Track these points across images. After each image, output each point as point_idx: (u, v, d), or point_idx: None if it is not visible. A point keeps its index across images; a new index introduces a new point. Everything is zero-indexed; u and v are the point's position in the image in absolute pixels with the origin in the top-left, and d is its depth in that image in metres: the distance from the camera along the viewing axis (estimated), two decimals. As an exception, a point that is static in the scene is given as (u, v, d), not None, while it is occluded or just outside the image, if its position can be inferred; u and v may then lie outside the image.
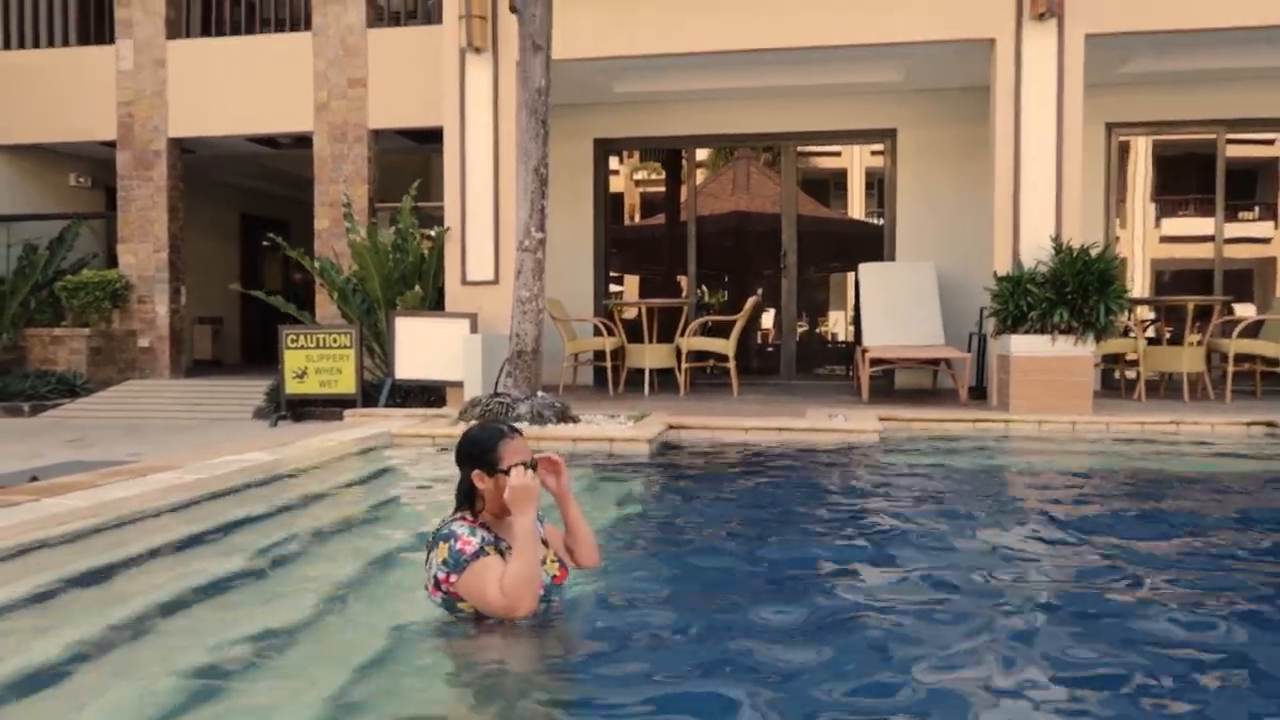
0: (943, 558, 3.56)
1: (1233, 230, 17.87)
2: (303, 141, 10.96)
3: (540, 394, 6.72)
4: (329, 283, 9.35)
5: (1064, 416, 6.79)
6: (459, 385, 7.75)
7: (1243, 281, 16.73)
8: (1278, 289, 10.60)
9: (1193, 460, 5.94)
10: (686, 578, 3.20)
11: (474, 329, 7.92)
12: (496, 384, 6.90)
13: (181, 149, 11.35)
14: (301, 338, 8.66)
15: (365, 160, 10.63)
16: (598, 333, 8.91)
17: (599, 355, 8.81)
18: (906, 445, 6.19)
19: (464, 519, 2.55)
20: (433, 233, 8.94)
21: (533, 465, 2.56)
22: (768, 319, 11.62)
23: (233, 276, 14.08)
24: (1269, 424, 6.54)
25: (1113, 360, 8.52)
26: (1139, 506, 4.70)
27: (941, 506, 4.59)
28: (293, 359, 8.62)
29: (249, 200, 15.20)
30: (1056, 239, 7.31)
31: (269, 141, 11.58)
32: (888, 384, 9.01)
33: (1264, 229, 17.42)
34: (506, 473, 2.50)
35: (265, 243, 10.38)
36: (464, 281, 8.26)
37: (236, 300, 14.33)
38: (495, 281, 8.12)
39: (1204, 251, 10.75)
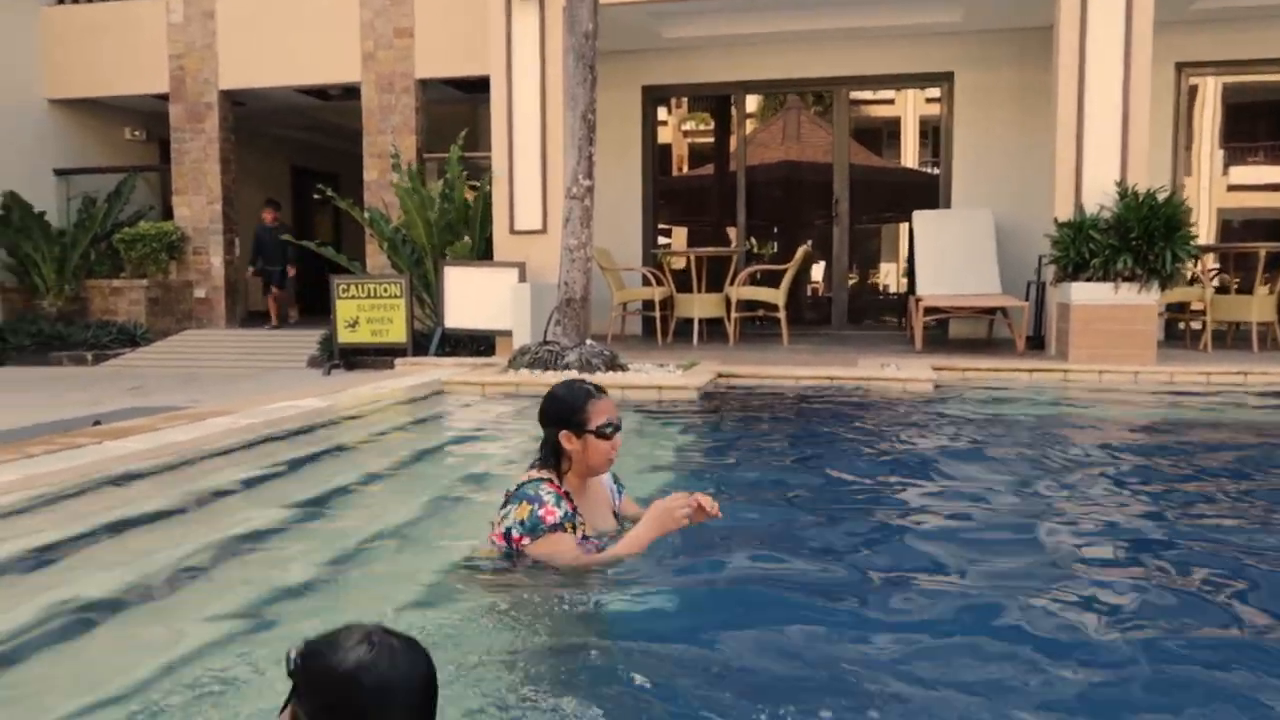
0: (991, 509, 3.50)
1: (1287, 177, 17.11)
2: (351, 93, 10.96)
3: (589, 342, 6.71)
4: (378, 233, 9.39)
5: (1126, 367, 6.59)
6: (508, 334, 7.77)
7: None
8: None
9: (1261, 411, 5.74)
10: (736, 530, 3.15)
11: (522, 278, 7.91)
12: (545, 332, 6.89)
13: (232, 101, 11.42)
14: (353, 288, 8.73)
15: (413, 110, 10.60)
16: (646, 283, 8.85)
17: (648, 305, 8.76)
18: (962, 395, 6.07)
19: (551, 483, 2.49)
20: (479, 183, 8.92)
21: (618, 427, 2.53)
22: (818, 270, 11.45)
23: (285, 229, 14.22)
24: (1343, 375, 6.29)
25: (1177, 310, 8.25)
26: (1198, 461, 4.55)
27: (994, 456, 4.51)
28: (344, 309, 8.70)
29: (300, 153, 15.30)
30: (1121, 183, 7.05)
31: (318, 93, 11.61)
32: (941, 334, 8.84)
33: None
34: (595, 433, 2.47)
35: (316, 195, 10.44)
36: (512, 230, 8.23)
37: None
38: (543, 230, 8.08)
39: (1274, 200, 10.32)
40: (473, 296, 8.19)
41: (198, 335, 10.89)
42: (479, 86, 9.19)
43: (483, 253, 8.67)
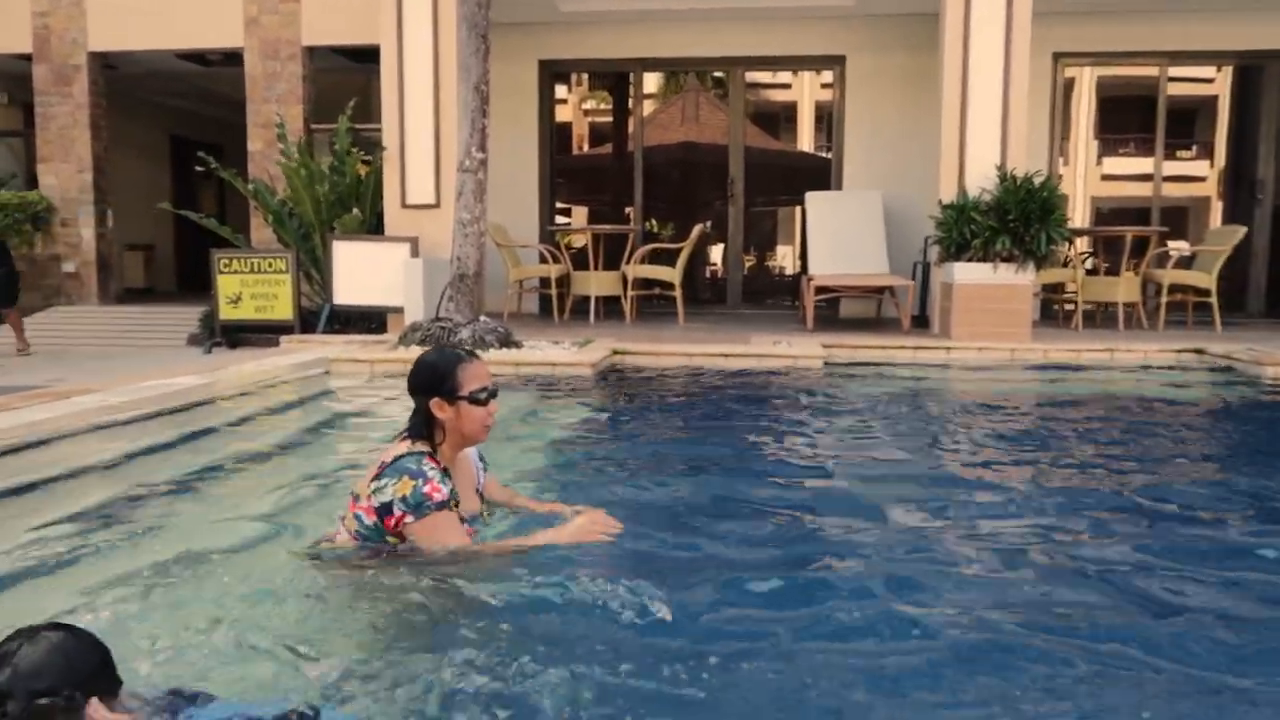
0: (877, 476, 3.62)
1: (1171, 169, 18.13)
2: (233, 59, 10.48)
3: (482, 319, 6.61)
4: (263, 206, 9.04)
5: (1003, 344, 6.87)
6: (400, 311, 7.59)
7: (1179, 219, 17.05)
8: (1211, 224, 10.75)
9: (1123, 385, 6.06)
10: (626, 501, 3.16)
11: (415, 253, 7.73)
12: (438, 308, 6.76)
13: (103, 64, 10.78)
14: (235, 262, 8.38)
15: (299, 79, 10.22)
16: (543, 260, 8.76)
17: (544, 283, 8.68)
18: (849, 372, 6.22)
19: (430, 457, 2.34)
20: (372, 156, 8.66)
21: (493, 393, 2.42)
22: (717, 251, 11.56)
23: (164, 202, 13.55)
24: (1197, 351, 6.69)
25: (1052, 290, 8.64)
26: (1068, 428, 4.80)
27: (879, 428, 4.66)
28: (226, 284, 8.36)
29: (180, 121, 14.58)
30: (1001, 167, 7.31)
31: (198, 59, 11.06)
32: (833, 314, 9.05)
33: (1200, 168, 17.70)
34: (468, 399, 2.36)
35: (199, 166, 9.97)
36: (404, 205, 8.03)
37: (170, 226, 13.83)
38: (436, 205, 7.90)
39: (1143, 190, 10.88)
40: (363, 272, 7.97)
41: (67, 312, 10.30)
42: (370, 56, 8.91)
43: (374, 227, 8.44)
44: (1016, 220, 6.98)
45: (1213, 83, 11.81)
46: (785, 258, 14.08)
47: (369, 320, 8.28)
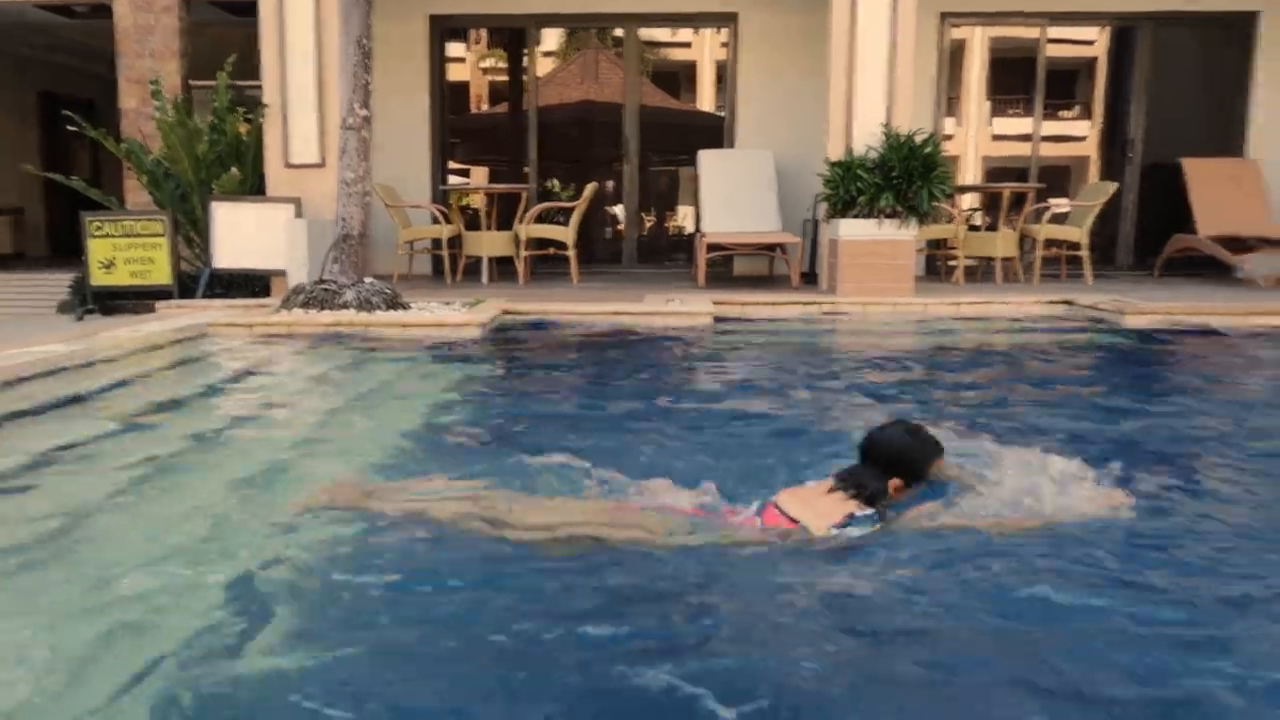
0: (767, 424, 3.74)
1: (1055, 129, 18.79)
2: (102, 10, 9.91)
3: (368, 280, 6.47)
4: (137, 166, 8.62)
5: (887, 298, 7.07)
6: (283, 274, 7.38)
7: (1062, 177, 17.72)
8: (1091, 182, 11.18)
9: (997, 336, 6.31)
10: (514, 460, 3.15)
11: (299, 214, 7.50)
12: (322, 270, 6.59)
13: (-43, 15, 10.09)
14: (107, 225, 8.00)
15: (175, 33, 9.74)
16: (435, 221, 8.61)
17: (436, 244, 8.54)
18: (738, 328, 6.32)
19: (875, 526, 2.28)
20: (252, 114, 8.33)
21: None
22: (616, 210, 11.53)
23: (33, 162, 12.81)
24: (1068, 302, 7.01)
25: (937, 246, 8.90)
26: (945, 376, 4.99)
27: (767, 379, 4.79)
28: (98, 248, 7.97)
29: (49, 77, 13.75)
30: (886, 125, 7.47)
31: (63, 9, 10.43)
32: (727, 271, 9.15)
33: (1082, 128, 18.37)
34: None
35: (71, 126, 9.43)
36: (287, 164, 7.77)
37: (40, 188, 13.09)
38: (321, 164, 7.67)
39: (1027, 149, 11.22)
40: (245, 234, 7.70)
41: (-74, 280, 9.70)
42: (251, 9, 8.52)
43: (257, 188, 8.14)
44: (900, 178, 7.16)
45: (1093, 45, 12.23)
46: (685, 217, 14.15)
47: (253, 284, 8.03)
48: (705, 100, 16.75)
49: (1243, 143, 9.49)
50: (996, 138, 19.71)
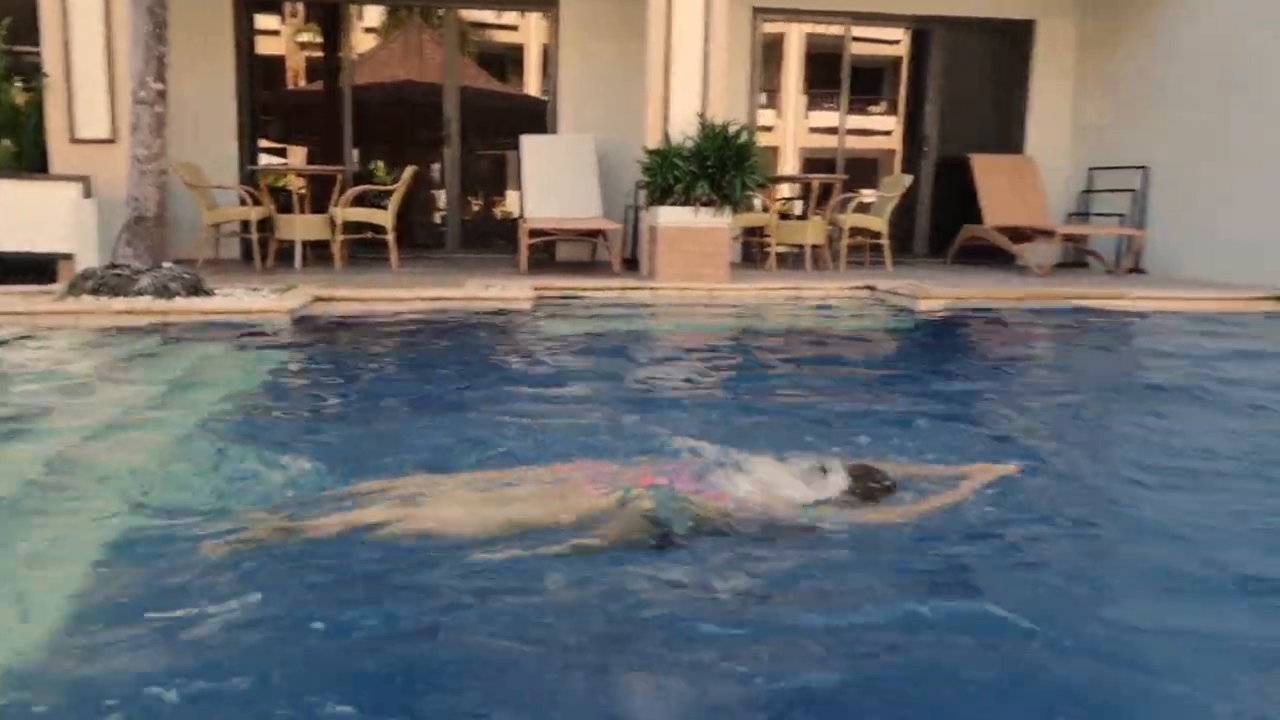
0: (588, 405, 3.85)
1: (865, 124, 19.79)
2: None
3: (166, 265, 6.10)
4: (-108, 138, 7.74)
5: (703, 283, 7.31)
6: (71, 257, 6.85)
7: (871, 170, 18.76)
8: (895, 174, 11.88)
9: (804, 319, 6.66)
10: (322, 449, 3.07)
11: (87, 193, 6.97)
12: (114, 254, 6.16)
13: None
14: None
15: (-63, -10, 8.78)
16: (243, 202, 8.20)
17: (245, 227, 8.13)
18: (558, 312, 6.38)
19: None
20: (33, 81, 7.64)
21: None
22: (441, 195, 11.33)
23: None
24: (869, 287, 7.47)
25: (752, 234, 9.25)
26: (752, 357, 5.24)
27: (586, 363, 4.88)
28: None
29: None
30: (702, 116, 7.69)
31: None
32: (550, 257, 9.18)
33: (889, 123, 19.40)
34: None
35: None
36: (73, 139, 7.20)
37: None
38: (112, 140, 7.14)
39: (846, 142, 11.75)
40: (26, 215, 7.07)
41: None
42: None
43: (37, 163, 7.50)
44: (714, 167, 7.40)
45: (898, 45, 12.99)
46: (512, 202, 14.07)
47: (39, 269, 7.40)
48: (533, 84, 16.68)
49: (1023, 141, 10.36)
50: (813, 130, 20.64)
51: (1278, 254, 7.82)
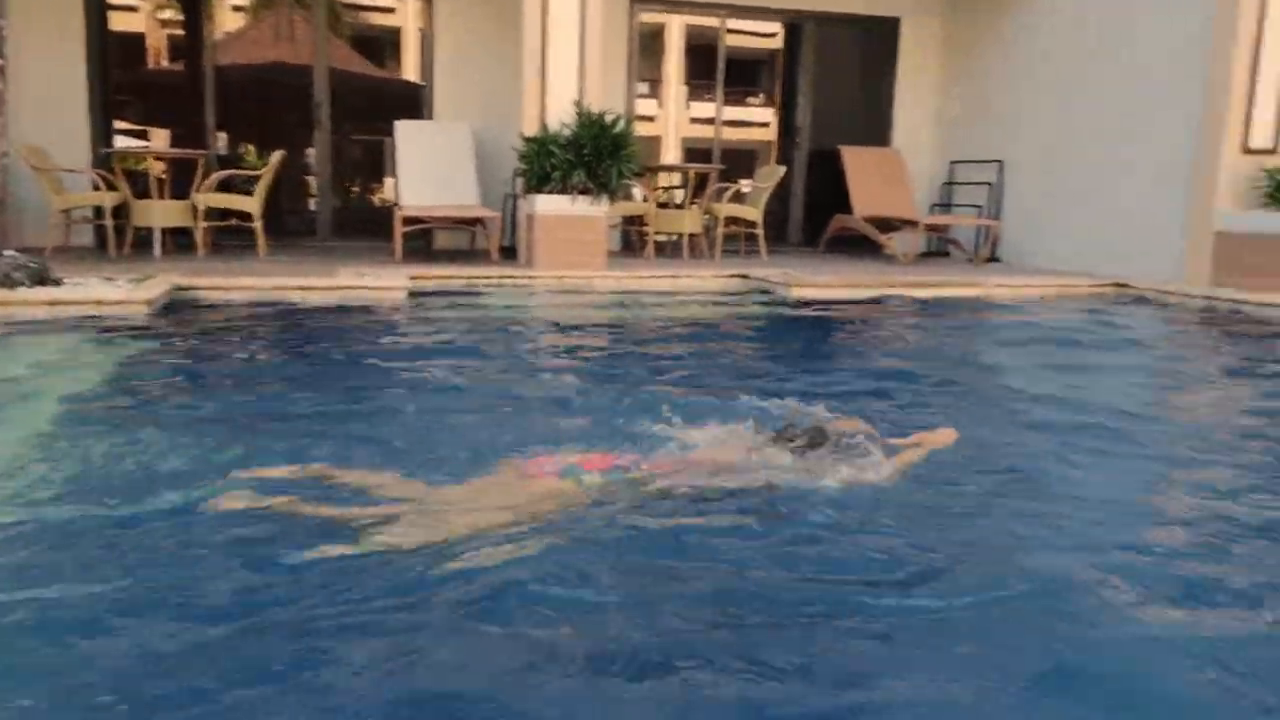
0: (463, 393, 3.83)
1: (744, 115, 20.15)
2: None
3: (9, 253, 5.74)
4: None
5: (581, 272, 7.34)
6: (-101, 245, 6.36)
7: (750, 160, 19.14)
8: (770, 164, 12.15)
9: (680, 308, 6.77)
10: (176, 447, 2.96)
11: (-83, 177, 6.49)
12: (-52, 242, 5.76)
13: None
14: None
15: None
16: (96, 188, 7.77)
17: (99, 213, 7.71)
18: (434, 301, 6.30)
19: None
20: None
21: None
22: (313, 180, 10.98)
23: None
24: (743, 276, 7.65)
25: (631, 222, 9.33)
26: (626, 347, 5.30)
27: (463, 349, 4.87)
28: None
29: None
30: (578, 103, 7.70)
31: None
32: (427, 246, 9.05)
33: (766, 114, 19.82)
34: None
35: None
36: (-100, 118, 6.69)
37: None
38: (-55, 119, 6.68)
39: (725, 133, 11.97)
40: None
41: None
42: None
43: None
44: (591, 155, 7.42)
45: (775, 38, 13.27)
46: (389, 190, 13.76)
47: None
48: (410, 69, 16.33)
49: (891, 134, 10.76)
50: (694, 121, 20.90)
51: (1118, 244, 8.39)
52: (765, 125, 19.35)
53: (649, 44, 11.29)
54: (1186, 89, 7.77)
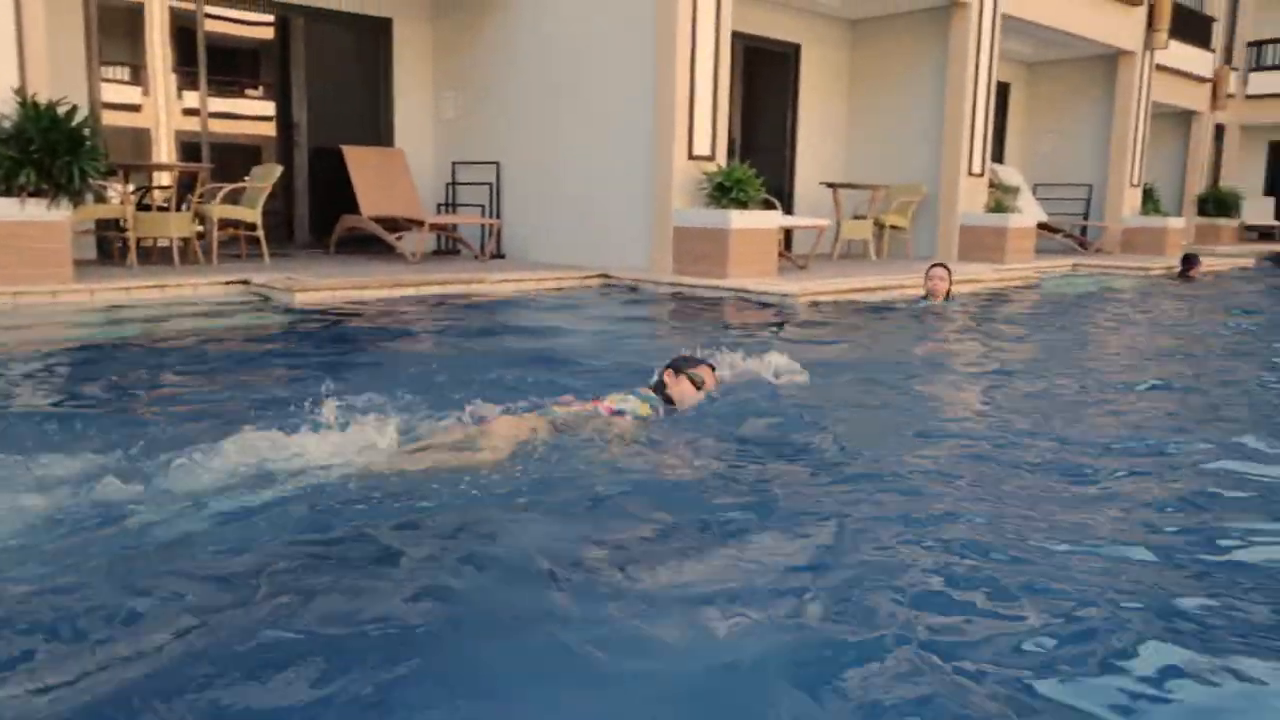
0: None
1: (240, 108, 19.00)
2: None
3: None
4: None
5: (43, 286, 6.40)
6: None
7: (251, 157, 18.02)
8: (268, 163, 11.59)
9: (169, 323, 6.20)
10: None
11: None
12: None
13: None
14: None
15: None
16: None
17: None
18: None
19: None
20: None
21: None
22: None
23: None
24: (244, 282, 7.23)
25: (111, 228, 8.31)
26: (99, 369, 4.75)
27: None
28: None
29: None
30: (21, 92, 6.66)
31: None
32: None
33: (267, 109, 18.87)
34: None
35: None
36: None
37: None
38: None
39: (222, 127, 11.15)
40: None
41: None
42: None
43: None
44: (41, 151, 6.47)
45: (266, 28, 12.56)
46: None
47: None
48: None
49: (393, 133, 10.85)
50: (187, 113, 19.10)
51: (602, 239, 9.38)
52: (268, 120, 18.32)
53: (127, 25, 10.12)
54: (643, 102, 8.91)
